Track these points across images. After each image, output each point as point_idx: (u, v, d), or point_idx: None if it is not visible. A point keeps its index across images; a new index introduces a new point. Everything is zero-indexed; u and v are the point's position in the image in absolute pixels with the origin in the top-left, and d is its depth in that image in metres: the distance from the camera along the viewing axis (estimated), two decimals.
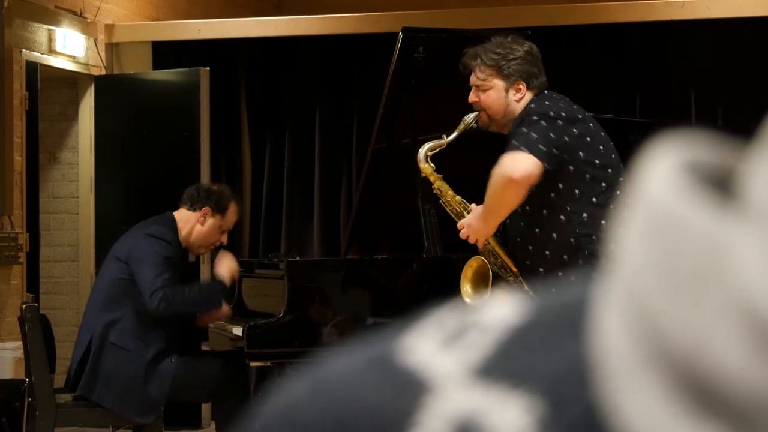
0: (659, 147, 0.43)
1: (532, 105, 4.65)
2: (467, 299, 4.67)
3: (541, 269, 4.63)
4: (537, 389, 0.43)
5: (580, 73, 7.69)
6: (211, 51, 8.28)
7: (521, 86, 4.72)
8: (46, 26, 7.67)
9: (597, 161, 4.60)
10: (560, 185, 4.55)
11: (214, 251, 7.94)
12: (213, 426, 6.72)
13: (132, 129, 8.12)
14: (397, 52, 5.60)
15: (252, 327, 5.50)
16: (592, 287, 0.45)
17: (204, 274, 7.87)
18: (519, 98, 4.72)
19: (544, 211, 4.57)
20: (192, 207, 6.03)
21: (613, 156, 4.68)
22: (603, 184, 4.60)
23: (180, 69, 8.15)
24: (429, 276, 5.57)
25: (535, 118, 4.53)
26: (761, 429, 0.38)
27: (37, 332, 5.82)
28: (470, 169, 5.12)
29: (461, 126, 4.86)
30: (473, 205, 4.77)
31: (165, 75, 8.22)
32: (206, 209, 6.01)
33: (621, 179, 4.65)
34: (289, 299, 5.48)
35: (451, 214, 4.95)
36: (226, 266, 5.96)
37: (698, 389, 0.39)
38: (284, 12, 9.64)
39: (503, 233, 4.78)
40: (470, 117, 4.84)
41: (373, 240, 6.21)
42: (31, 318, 5.82)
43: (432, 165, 4.95)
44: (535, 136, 4.46)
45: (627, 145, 5.17)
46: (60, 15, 7.79)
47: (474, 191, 4.94)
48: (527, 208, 4.58)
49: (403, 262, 5.68)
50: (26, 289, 7.45)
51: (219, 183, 6.94)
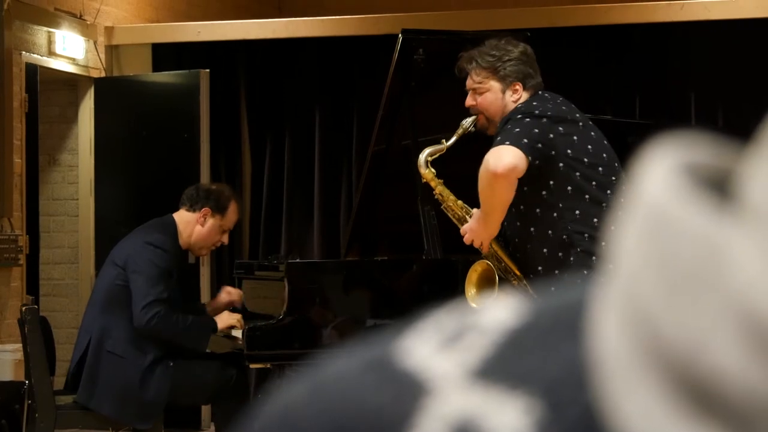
0: (657, 148, 0.44)
1: (520, 105, 4.67)
2: (473, 303, 4.66)
3: (540, 267, 4.64)
4: (535, 391, 0.43)
5: (580, 75, 7.69)
6: (211, 53, 8.28)
7: (518, 87, 4.73)
8: (46, 28, 7.67)
9: (585, 160, 4.61)
10: (551, 182, 4.55)
11: (215, 251, 7.96)
12: (213, 428, 6.72)
13: (132, 131, 8.11)
14: (397, 54, 5.60)
15: (252, 329, 5.50)
16: (590, 289, 0.45)
17: (204, 276, 7.87)
18: (516, 99, 4.73)
19: (538, 210, 4.57)
20: (191, 208, 5.99)
21: (605, 155, 4.68)
22: (593, 183, 4.60)
23: (180, 71, 8.15)
24: (429, 277, 5.57)
25: (519, 116, 4.55)
26: (759, 430, 0.38)
27: (37, 334, 5.82)
28: (471, 171, 5.13)
29: (460, 130, 4.87)
30: (475, 210, 4.77)
31: (165, 77, 8.22)
32: (206, 210, 5.97)
33: (614, 179, 4.65)
34: (289, 301, 5.47)
35: (453, 220, 4.94)
36: (226, 320, 5.92)
37: (696, 391, 0.39)
38: (284, 14, 9.64)
39: (503, 236, 4.79)
40: (468, 121, 4.86)
41: (373, 241, 6.21)
42: (31, 320, 5.82)
43: (433, 170, 4.95)
44: (518, 131, 4.47)
45: (626, 147, 5.17)
46: (60, 17, 7.79)
47: (475, 194, 4.94)
48: (522, 208, 4.59)
49: (403, 264, 5.67)
50: (26, 291, 7.45)
51: (218, 182, 6.91)
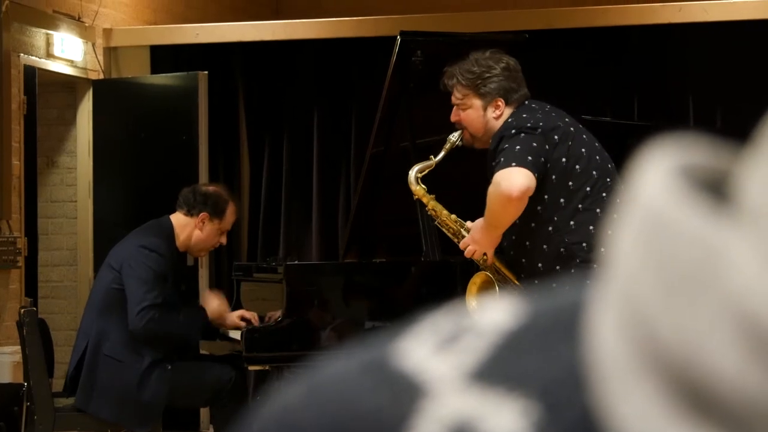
0: (654, 151, 0.44)
1: (510, 119, 4.67)
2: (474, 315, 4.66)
3: (536, 281, 4.64)
4: (532, 393, 0.43)
5: (578, 76, 7.69)
6: (209, 55, 8.28)
7: (500, 103, 4.74)
8: (44, 30, 7.67)
9: (577, 166, 4.61)
10: (546, 196, 4.56)
11: (213, 253, 7.95)
12: (211, 430, 6.72)
13: (130, 133, 8.11)
14: (395, 56, 5.59)
15: (250, 331, 5.50)
16: (587, 291, 0.45)
17: (202, 278, 7.86)
18: (498, 115, 4.74)
19: (533, 224, 4.58)
20: (189, 212, 5.94)
21: (598, 158, 4.69)
22: (587, 189, 4.61)
23: (178, 73, 8.15)
24: (427, 280, 5.56)
25: (513, 132, 4.55)
26: None
27: (36, 336, 5.81)
28: (463, 180, 5.13)
29: (447, 145, 4.91)
30: (469, 223, 4.77)
31: (163, 79, 8.21)
32: (204, 215, 5.93)
33: (608, 180, 4.65)
34: (288, 303, 5.47)
35: (448, 234, 4.96)
36: (212, 304, 5.89)
37: (693, 393, 0.39)
38: (282, 16, 9.64)
39: (499, 248, 4.79)
40: (455, 135, 4.89)
41: (372, 243, 6.21)
42: (30, 322, 5.82)
43: (423, 186, 4.97)
44: (519, 148, 4.48)
45: (624, 148, 5.17)
46: (58, 19, 7.78)
47: (468, 204, 4.93)
48: (517, 222, 4.59)
49: (402, 266, 5.67)
50: (24, 294, 7.44)
51: (215, 183, 6.89)
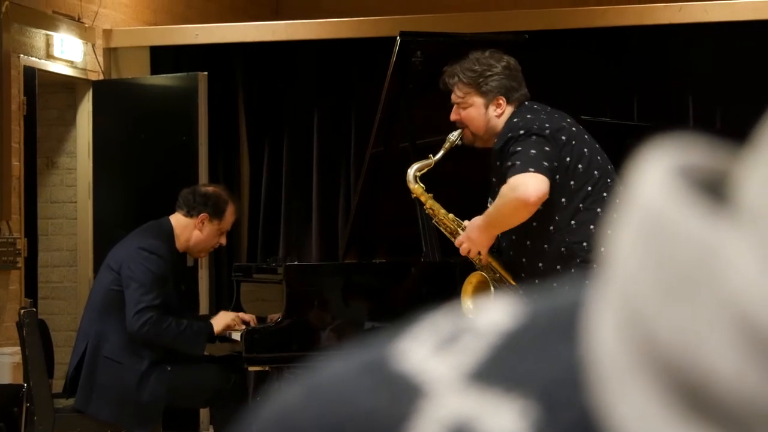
0: (652, 151, 0.43)
1: (515, 119, 4.66)
2: (469, 315, 4.67)
3: (536, 281, 4.64)
4: (531, 393, 0.43)
5: (578, 77, 7.69)
6: (209, 56, 8.28)
7: (501, 101, 4.74)
8: (44, 31, 7.67)
9: (580, 166, 4.62)
10: (548, 196, 4.56)
11: (213, 254, 7.95)
12: (211, 431, 6.72)
13: (130, 134, 8.11)
14: (395, 56, 5.59)
15: (250, 331, 5.49)
16: (586, 291, 0.45)
17: (202, 280, 7.86)
18: (499, 114, 4.74)
19: (534, 224, 4.58)
20: (189, 213, 5.93)
21: (599, 158, 4.70)
22: (588, 188, 4.62)
23: (178, 74, 8.15)
24: (427, 280, 5.56)
25: (522, 133, 4.55)
26: None
27: (36, 337, 5.81)
28: (461, 180, 5.14)
29: (446, 144, 4.91)
30: (467, 222, 4.78)
31: (163, 80, 8.21)
32: (203, 215, 5.92)
33: (609, 181, 4.66)
34: (288, 303, 5.47)
35: (446, 233, 4.96)
36: (222, 321, 5.87)
37: (691, 393, 0.39)
38: (282, 16, 9.64)
39: (498, 246, 4.79)
40: (455, 135, 4.89)
41: (372, 244, 6.21)
42: (30, 323, 5.82)
43: (422, 185, 4.98)
44: (534, 153, 4.48)
45: (624, 149, 5.17)
46: (58, 20, 7.78)
47: (466, 202, 4.94)
48: None
49: (402, 267, 5.67)
50: (24, 294, 7.44)
51: (215, 184, 6.88)
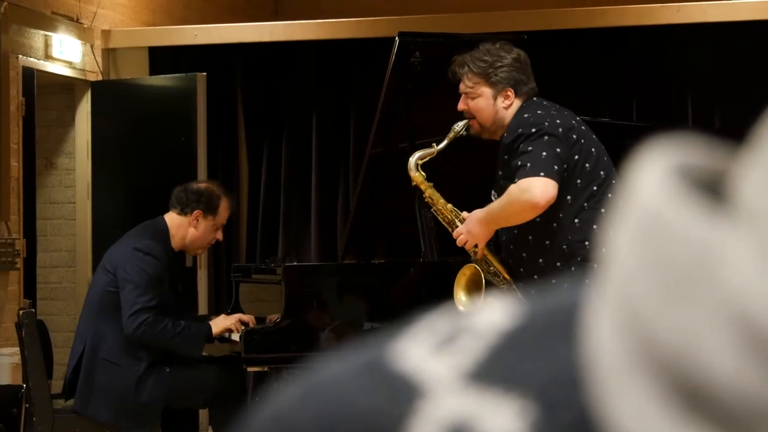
0: (651, 151, 0.43)
1: (526, 115, 4.66)
2: (461, 307, 4.68)
3: (535, 276, 4.65)
4: (529, 393, 0.43)
5: (577, 77, 7.69)
6: (208, 56, 8.28)
7: (509, 93, 4.74)
8: (43, 32, 7.67)
9: (587, 165, 4.63)
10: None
11: (212, 255, 7.95)
12: (211, 431, 6.72)
13: (129, 134, 8.11)
14: (394, 57, 5.59)
15: (249, 332, 5.49)
16: (584, 291, 0.45)
17: (201, 280, 7.86)
18: (507, 105, 4.74)
19: (537, 219, 4.58)
20: (182, 211, 5.93)
21: (606, 158, 4.71)
22: (594, 188, 4.62)
23: (177, 74, 8.14)
24: (426, 280, 5.56)
25: (534, 131, 4.54)
26: None
27: (35, 338, 5.81)
28: (463, 175, 5.14)
29: (451, 134, 4.90)
30: (465, 213, 4.78)
31: (162, 80, 8.21)
32: (197, 213, 5.92)
33: (613, 181, 4.67)
34: (287, 304, 5.47)
35: (443, 223, 4.96)
36: (222, 323, 5.86)
37: (690, 393, 0.39)
38: (281, 17, 9.64)
39: (495, 240, 4.80)
40: (460, 125, 4.88)
41: (371, 244, 6.21)
42: (29, 324, 5.82)
43: (423, 173, 4.97)
44: (545, 155, 4.48)
45: (623, 149, 5.17)
46: (56, 21, 7.78)
47: (467, 196, 4.94)
48: None
49: (401, 267, 5.67)
50: (23, 295, 7.44)
51: (207, 180, 6.87)
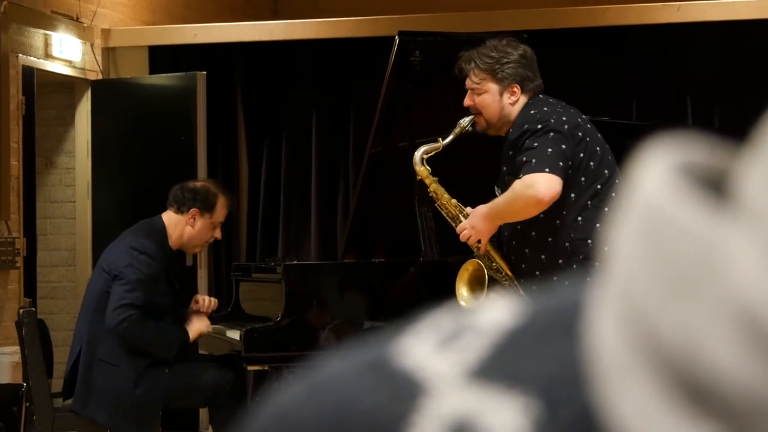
0: (653, 149, 0.44)
1: (532, 111, 4.66)
2: (463, 302, 4.69)
3: (537, 272, 4.65)
4: (532, 390, 0.43)
5: (577, 76, 7.69)
6: (208, 55, 8.28)
7: (515, 89, 4.75)
8: (43, 31, 7.67)
9: (592, 163, 4.63)
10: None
11: (212, 254, 7.95)
12: (210, 430, 6.72)
13: (129, 133, 8.10)
14: (394, 56, 5.59)
15: (249, 331, 5.49)
16: (587, 289, 0.45)
17: (201, 279, 7.86)
18: (513, 101, 4.75)
19: (541, 215, 4.58)
20: (179, 210, 5.93)
21: (610, 158, 4.72)
22: (598, 186, 4.63)
23: (176, 73, 8.14)
24: (426, 279, 5.56)
25: (540, 127, 4.55)
26: (756, 429, 0.38)
27: (35, 337, 5.81)
28: (466, 172, 5.14)
29: (457, 129, 4.89)
30: (469, 209, 4.78)
31: (161, 79, 8.21)
32: (194, 211, 5.92)
33: (616, 180, 4.67)
34: (287, 303, 5.47)
35: (447, 218, 4.96)
36: (197, 329, 5.85)
37: (693, 390, 0.39)
38: (281, 16, 9.64)
39: (498, 236, 4.80)
40: (466, 120, 4.88)
41: (371, 243, 6.21)
42: (29, 322, 5.82)
43: (428, 168, 4.98)
44: (551, 151, 4.49)
45: (623, 148, 5.18)
46: (56, 20, 7.78)
47: (470, 193, 4.95)
48: None
49: (401, 266, 5.67)
50: (23, 294, 7.44)
51: (204, 179, 6.86)
